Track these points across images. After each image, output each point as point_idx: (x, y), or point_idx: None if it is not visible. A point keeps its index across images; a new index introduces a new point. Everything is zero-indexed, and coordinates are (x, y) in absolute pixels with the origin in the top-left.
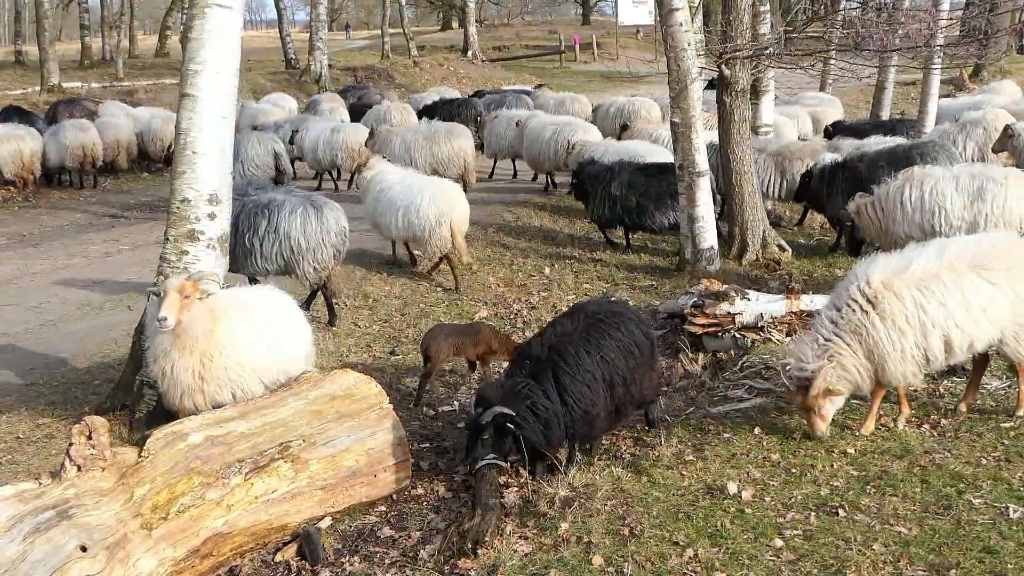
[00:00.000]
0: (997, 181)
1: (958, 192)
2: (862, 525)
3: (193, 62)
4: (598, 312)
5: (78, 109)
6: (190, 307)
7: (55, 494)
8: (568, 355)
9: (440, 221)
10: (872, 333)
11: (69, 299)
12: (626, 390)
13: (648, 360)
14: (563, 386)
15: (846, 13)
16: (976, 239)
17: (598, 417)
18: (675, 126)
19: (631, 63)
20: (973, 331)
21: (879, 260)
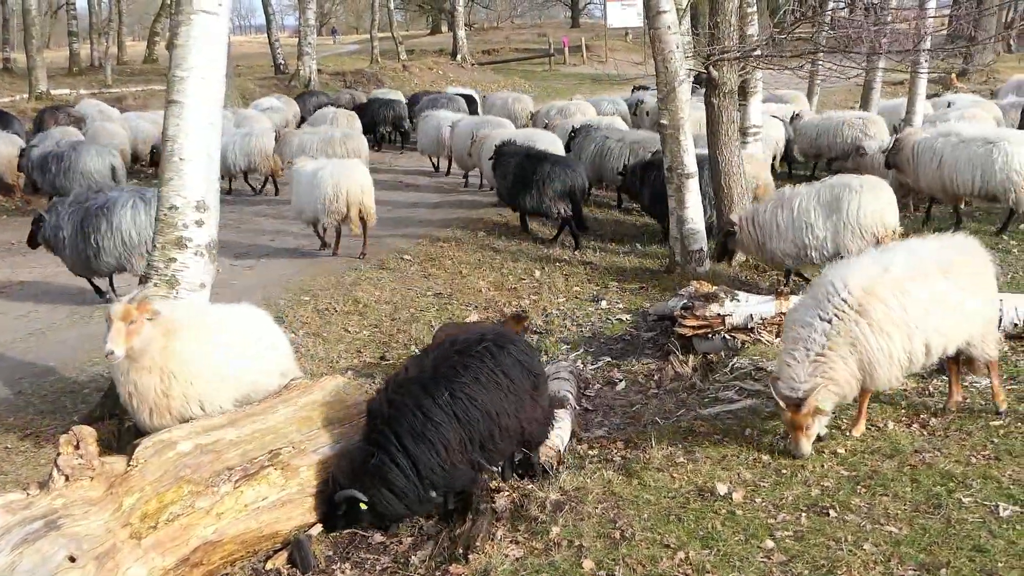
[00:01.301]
0: (852, 189)
1: (820, 206)
2: (853, 525)
3: (180, 68)
4: (456, 341)
5: (64, 116)
6: (139, 331)
7: (43, 504)
8: (407, 410)
9: (337, 192)
10: (866, 342)
11: (58, 308)
12: (493, 425)
13: (529, 393)
14: (407, 450)
15: (834, 14)
16: (938, 243)
17: (455, 468)
18: (663, 128)
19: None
20: (949, 333)
21: (851, 267)
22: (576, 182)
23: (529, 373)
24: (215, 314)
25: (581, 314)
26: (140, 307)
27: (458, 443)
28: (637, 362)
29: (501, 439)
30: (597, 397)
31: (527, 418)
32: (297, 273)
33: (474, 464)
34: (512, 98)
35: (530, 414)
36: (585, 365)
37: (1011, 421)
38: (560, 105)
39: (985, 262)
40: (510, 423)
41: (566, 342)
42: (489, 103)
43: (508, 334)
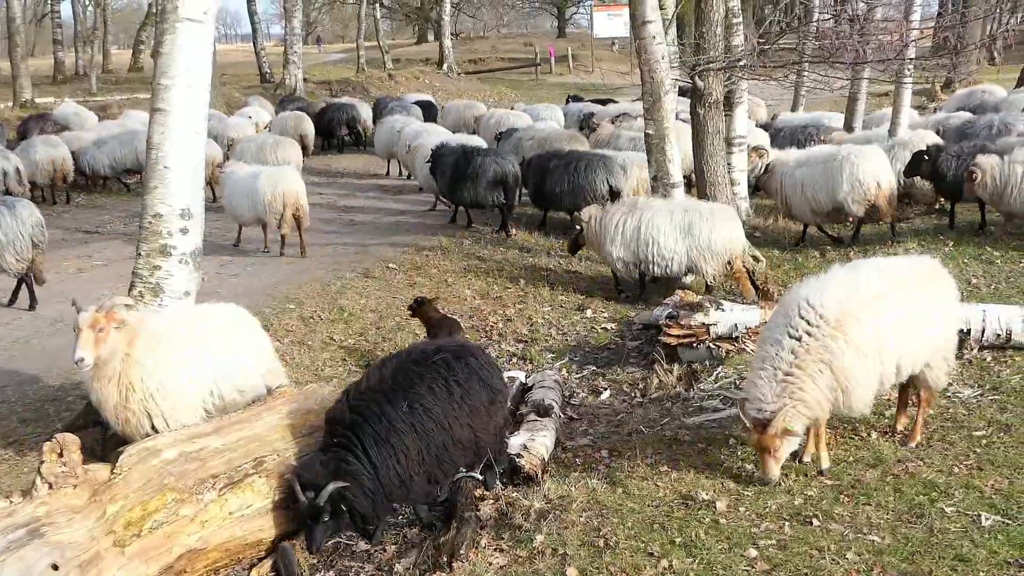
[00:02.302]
0: (703, 216)
1: (671, 226)
2: (836, 534)
3: (165, 77)
4: (415, 353)
5: (48, 124)
6: (106, 339)
7: (26, 512)
8: (371, 416)
9: (274, 196)
10: (842, 360)
11: (42, 316)
12: (447, 437)
13: (486, 408)
14: (369, 454)
15: (819, 25)
16: (905, 262)
17: (412, 481)
18: (648, 138)
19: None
20: (916, 352)
21: (821, 284)
22: (507, 170)
23: (486, 386)
24: (192, 320)
25: (566, 323)
26: (108, 315)
27: (415, 453)
28: (622, 371)
29: (455, 450)
30: (582, 406)
31: (482, 429)
32: (282, 281)
33: (431, 477)
34: (464, 105)
35: (485, 426)
36: (570, 374)
37: (994, 431)
38: (500, 113)
39: (949, 283)
40: (463, 435)
41: (551, 351)
42: (446, 111)
43: (470, 346)
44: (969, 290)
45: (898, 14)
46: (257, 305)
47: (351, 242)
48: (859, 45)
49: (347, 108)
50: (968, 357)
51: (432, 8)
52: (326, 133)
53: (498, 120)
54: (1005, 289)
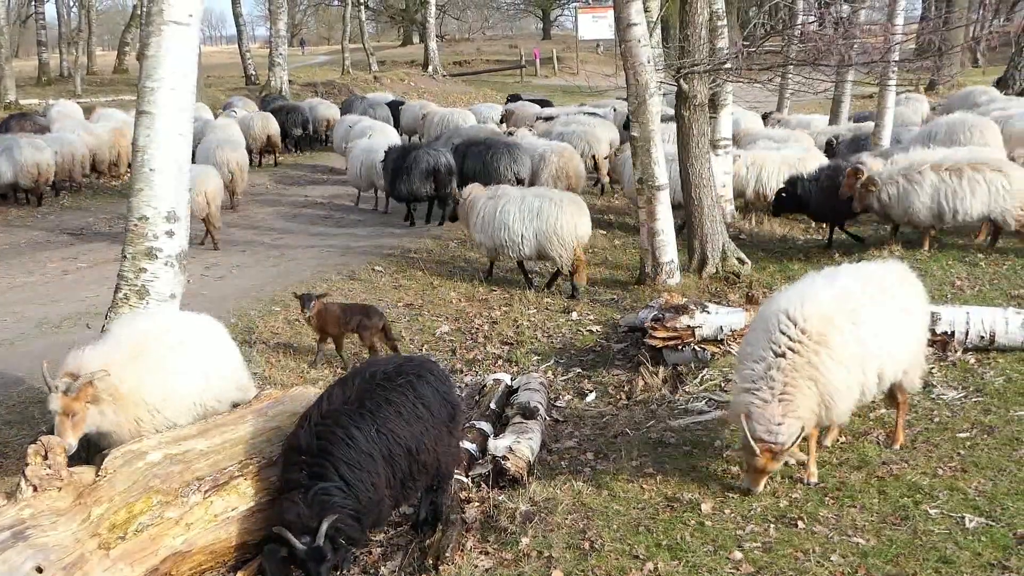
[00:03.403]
0: (554, 202)
1: (519, 211)
2: (820, 536)
3: (150, 79)
4: (377, 374)
5: (29, 123)
6: (85, 419)
7: (11, 515)
8: (339, 441)
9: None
10: (826, 372)
11: (26, 317)
12: (412, 460)
13: (446, 425)
14: (345, 478)
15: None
16: (878, 269)
17: (383, 502)
18: (634, 140)
19: (591, 77)
20: (897, 360)
21: (801, 294)
22: (439, 161)
23: (447, 403)
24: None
25: (552, 325)
26: (79, 397)
27: (385, 479)
28: (607, 373)
29: (418, 469)
30: (567, 408)
31: (443, 452)
32: (268, 283)
33: (396, 501)
34: (419, 105)
35: (447, 448)
36: (555, 376)
37: (977, 433)
38: (443, 112)
39: (920, 287)
40: (426, 454)
41: (537, 353)
42: (403, 110)
43: (427, 363)
44: (953, 292)
45: (882, 17)
46: (243, 307)
47: (336, 244)
48: (843, 48)
49: (300, 110)
50: (952, 359)
51: (417, 10)
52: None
53: (441, 118)
54: (989, 291)
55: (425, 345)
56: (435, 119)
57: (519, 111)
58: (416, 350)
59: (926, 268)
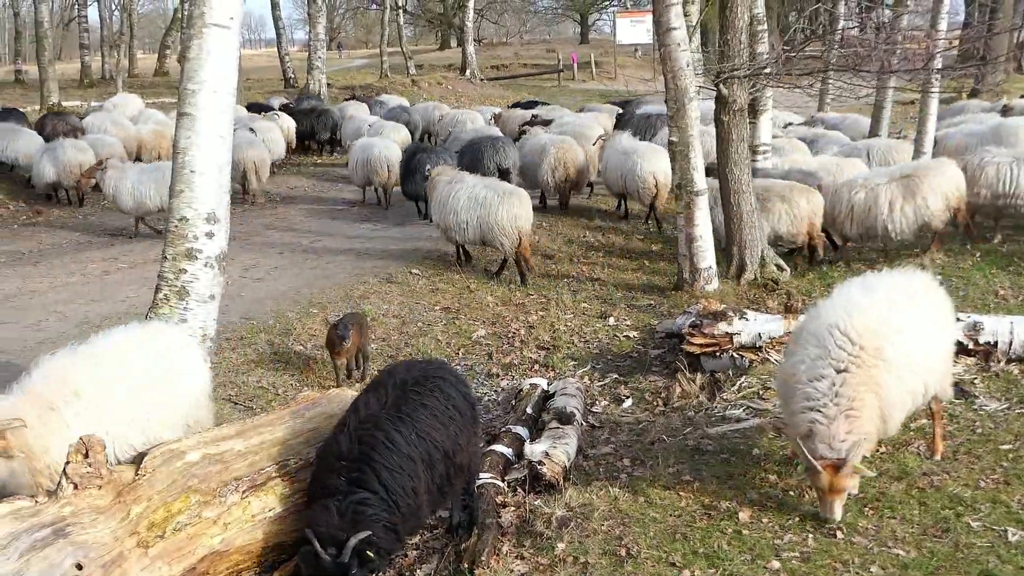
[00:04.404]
0: (498, 194)
1: (468, 199)
2: (860, 547)
3: (191, 81)
4: (408, 379)
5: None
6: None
7: (51, 512)
8: (380, 446)
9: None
10: (885, 385)
11: (67, 317)
12: (448, 463)
13: (470, 425)
14: (387, 485)
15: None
16: (905, 280)
17: (422, 508)
18: (672, 145)
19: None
20: (937, 369)
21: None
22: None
23: (470, 406)
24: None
25: (588, 330)
26: None
27: (424, 476)
28: (644, 379)
29: (454, 470)
30: (604, 414)
31: (474, 452)
32: (306, 285)
33: (433, 506)
34: (432, 106)
35: (473, 444)
36: (592, 382)
37: (1020, 445)
38: (454, 113)
39: (946, 296)
40: (461, 454)
41: (573, 358)
42: (414, 111)
43: (445, 365)
44: (996, 302)
45: (924, 23)
46: (281, 309)
47: (373, 247)
48: (885, 55)
49: (330, 113)
50: (995, 370)
51: (455, 14)
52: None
53: (452, 119)
54: None
55: (462, 349)
56: (447, 120)
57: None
58: (453, 354)
59: (969, 277)
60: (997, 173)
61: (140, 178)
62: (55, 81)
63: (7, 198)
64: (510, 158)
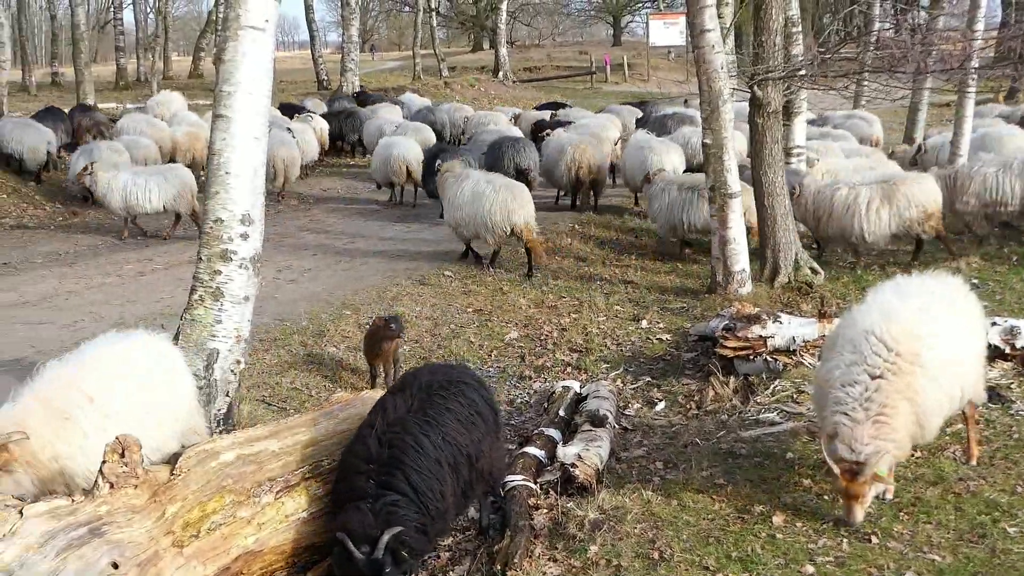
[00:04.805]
0: (495, 187)
1: (471, 194)
2: (895, 552)
3: (227, 83)
4: (432, 383)
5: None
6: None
7: (88, 511)
8: (409, 449)
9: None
10: (921, 391)
11: (103, 317)
12: (472, 468)
13: (493, 431)
14: (416, 488)
15: (880, 34)
16: (936, 283)
17: (449, 511)
18: (706, 147)
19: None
20: (971, 373)
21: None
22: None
23: (493, 411)
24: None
25: (621, 333)
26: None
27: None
28: (677, 382)
29: (477, 476)
30: (636, 417)
31: (497, 458)
32: (339, 287)
33: (458, 509)
34: (453, 107)
35: (496, 449)
36: (624, 384)
37: None
38: (478, 114)
39: (976, 301)
40: (483, 460)
41: (606, 361)
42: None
43: (467, 369)
44: None
45: (961, 24)
46: (314, 311)
47: (406, 248)
48: (921, 56)
49: (358, 115)
50: None
51: (488, 16)
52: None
53: (478, 120)
54: None
55: (494, 351)
56: (472, 121)
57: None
58: (486, 356)
59: (1006, 281)
60: (984, 182)
61: (133, 180)
62: (91, 83)
63: (44, 199)
64: (529, 158)
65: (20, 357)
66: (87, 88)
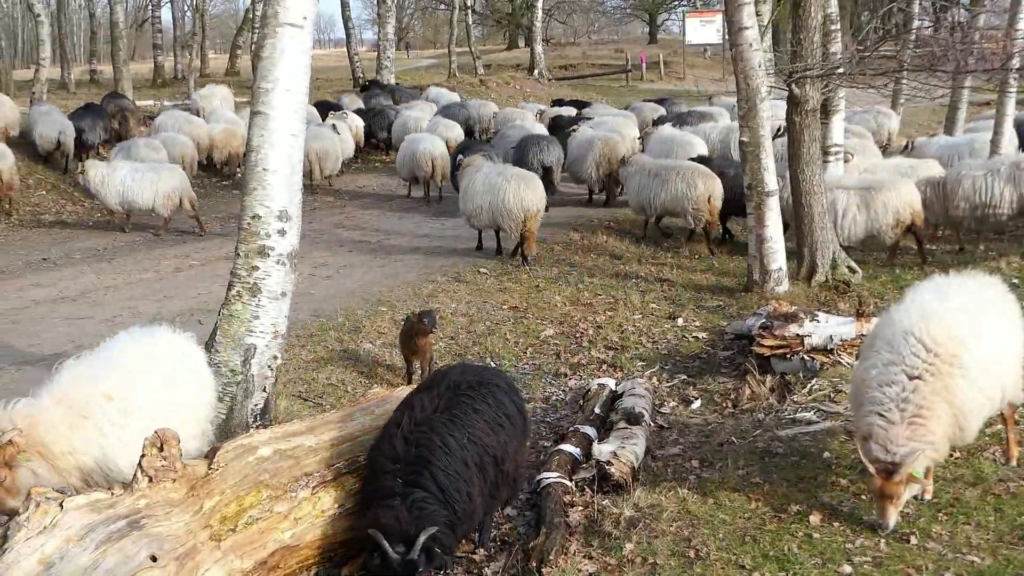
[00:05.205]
0: (507, 178)
1: (483, 185)
2: (933, 553)
3: (265, 80)
4: (461, 383)
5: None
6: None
7: (127, 504)
8: (436, 448)
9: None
10: (960, 393)
11: (141, 313)
12: (498, 470)
13: (521, 434)
14: (443, 488)
15: (919, 32)
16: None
17: (476, 512)
18: (743, 145)
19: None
20: (1010, 374)
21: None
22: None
23: (521, 415)
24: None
25: (657, 331)
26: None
27: (477, 480)
28: (713, 381)
29: (502, 478)
30: (672, 415)
31: (522, 462)
32: (374, 284)
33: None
34: (479, 103)
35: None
36: (660, 382)
37: None
38: (509, 111)
39: (1015, 301)
40: (508, 462)
41: (641, 359)
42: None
43: (498, 372)
44: None
45: (1002, 22)
46: (350, 307)
47: (442, 245)
48: (961, 54)
49: (386, 114)
50: None
51: (523, 14)
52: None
53: (505, 117)
54: None
55: (530, 348)
56: (499, 117)
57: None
58: (521, 353)
59: None
60: (973, 185)
61: (131, 176)
62: (129, 80)
63: (82, 195)
64: (553, 155)
65: (60, 351)
66: (125, 85)
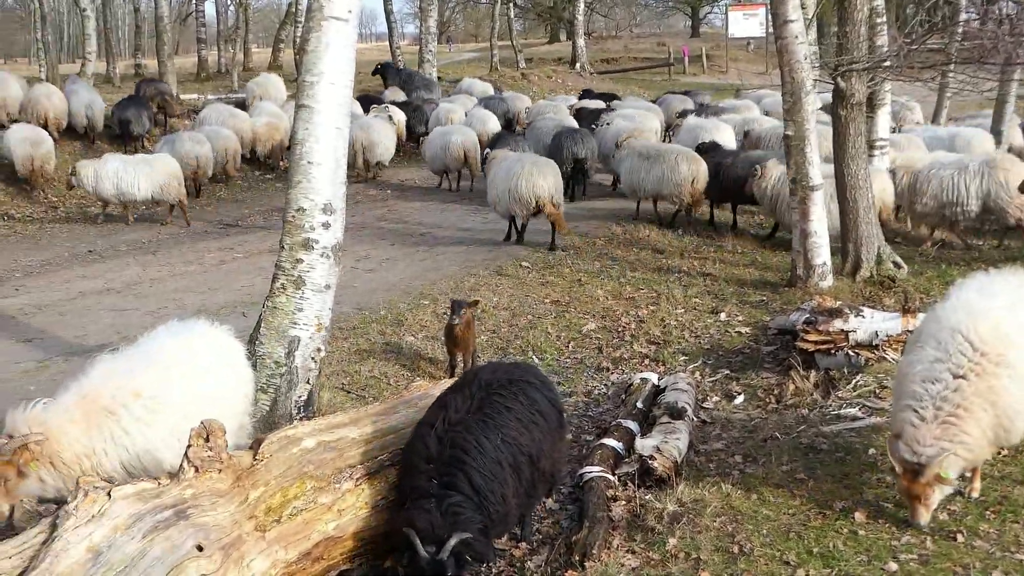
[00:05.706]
0: (524, 164)
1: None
2: (981, 552)
3: (310, 74)
4: (492, 382)
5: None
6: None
7: (173, 494)
8: (471, 449)
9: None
10: (1005, 393)
11: (185, 305)
12: (533, 469)
13: (556, 430)
14: (478, 489)
15: (966, 25)
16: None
17: (510, 513)
18: (788, 139)
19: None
20: None
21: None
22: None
23: (557, 412)
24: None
25: (700, 326)
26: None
27: (511, 480)
28: (756, 376)
29: (539, 476)
30: (715, 410)
31: (559, 459)
32: (417, 277)
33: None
34: (513, 96)
35: (558, 450)
36: (703, 377)
37: None
38: (542, 104)
39: None
40: (544, 460)
41: (684, 353)
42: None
43: (532, 368)
44: None
45: None
46: (392, 300)
47: (485, 239)
48: (1011, 47)
49: (424, 111)
50: None
51: (565, 8)
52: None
53: (538, 110)
54: None
55: (571, 342)
56: (533, 110)
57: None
58: (563, 347)
59: None
60: (941, 184)
61: (124, 167)
62: (173, 74)
63: None
64: (586, 148)
65: (106, 343)
66: (169, 79)
